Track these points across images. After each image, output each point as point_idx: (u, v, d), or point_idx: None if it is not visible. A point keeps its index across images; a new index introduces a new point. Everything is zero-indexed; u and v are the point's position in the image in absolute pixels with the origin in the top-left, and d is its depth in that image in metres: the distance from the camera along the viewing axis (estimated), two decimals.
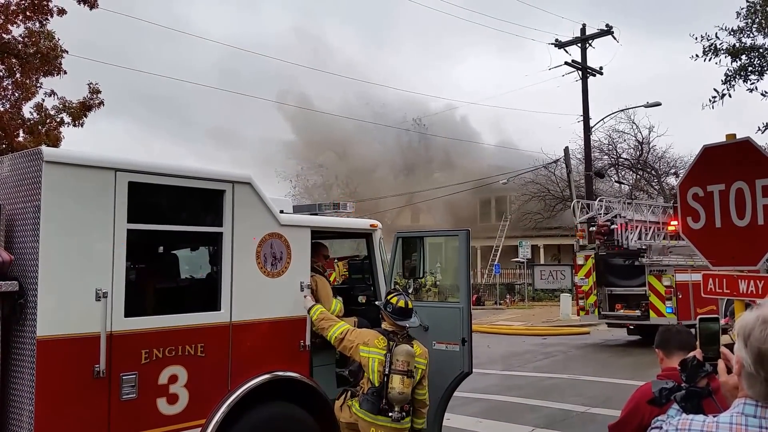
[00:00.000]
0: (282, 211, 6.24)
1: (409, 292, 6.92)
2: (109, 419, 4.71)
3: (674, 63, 70.08)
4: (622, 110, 34.10)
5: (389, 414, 5.68)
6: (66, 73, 16.01)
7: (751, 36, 14.03)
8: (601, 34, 28.93)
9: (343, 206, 7.30)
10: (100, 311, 4.62)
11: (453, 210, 42.92)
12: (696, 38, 14.17)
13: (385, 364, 5.77)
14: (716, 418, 1.98)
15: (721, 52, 13.96)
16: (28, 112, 16.31)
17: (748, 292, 4.98)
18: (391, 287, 7.01)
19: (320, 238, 7.19)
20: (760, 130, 14.40)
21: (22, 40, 15.37)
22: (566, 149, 31.39)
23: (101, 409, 4.67)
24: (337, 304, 6.77)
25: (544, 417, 10.36)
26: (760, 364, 1.86)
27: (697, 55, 14.18)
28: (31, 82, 15.81)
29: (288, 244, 6.07)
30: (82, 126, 16.43)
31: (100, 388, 4.66)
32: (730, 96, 13.93)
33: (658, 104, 29.43)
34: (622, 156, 39.57)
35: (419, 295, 7.63)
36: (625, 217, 18.78)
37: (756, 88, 14.22)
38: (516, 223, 42.32)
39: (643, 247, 18.41)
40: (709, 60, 14.14)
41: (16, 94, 15.90)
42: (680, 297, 17.43)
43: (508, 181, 39.06)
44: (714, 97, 13.94)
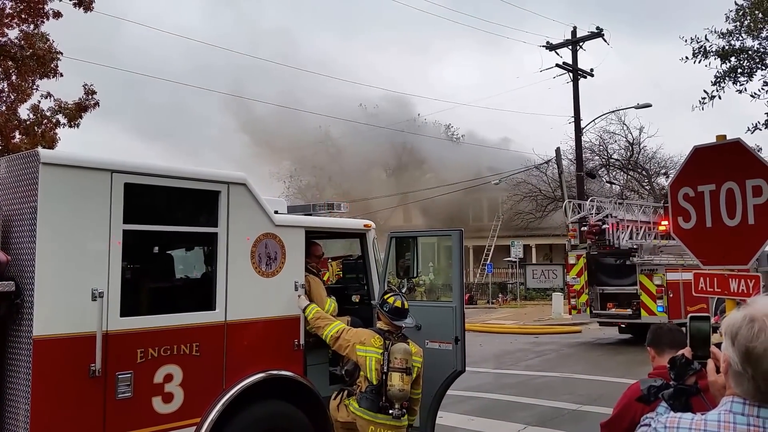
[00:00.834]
0: (276, 212, 6.27)
1: (403, 291, 6.97)
2: (105, 418, 4.74)
3: (664, 64, 70.40)
4: (613, 111, 34.26)
5: (390, 411, 5.75)
6: (62, 75, 16.01)
7: (740, 38, 14.12)
8: (592, 36, 29.02)
9: (337, 206, 7.34)
10: (96, 311, 4.65)
11: (446, 210, 42.96)
12: (686, 41, 14.26)
13: (382, 363, 5.83)
14: (704, 416, 2.00)
15: (711, 54, 14.04)
16: (25, 114, 16.30)
17: (739, 291, 5.02)
18: (385, 287, 7.06)
19: (314, 238, 7.22)
20: (749, 130, 14.50)
21: (18, 42, 15.34)
22: (558, 150, 31.56)
23: (97, 407, 4.70)
24: (331, 304, 6.81)
25: (536, 415, 10.42)
26: (747, 362, 1.88)
27: (687, 57, 14.26)
28: (27, 84, 15.77)
29: (282, 244, 6.11)
30: (78, 127, 16.44)
31: (95, 387, 4.68)
32: (720, 98, 14.02)
33: (649, 105, 29.55)
34: (613, 157, 39.70)
35: (413, 295, 7.66)
36: (616, 217, 18.87)
37: (745, 90, 14.32)
38: (508, 223, 42.42)
39: (634, 247, 18.51)
40: (699, 62, 14.23)
41: (12, 96, 15.85)
42: (671, 296, 17.52)
43: (500, 182, 39.15)
44: (704, 98, 14.02)
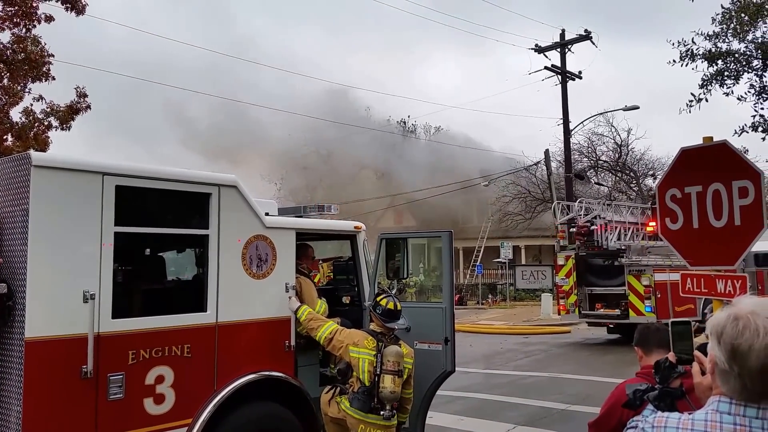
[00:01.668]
0: (267, 213, 6.29)
1: (392, 292, 7.01)
2: (97, 419, 4.75)
3: (649, 65, 70.79)
4: (601, 113, 34.42)
5: (381, 412, 5.84)
6: (54, 78, 15.93)
7: (727, 41, 14.24)
8: (580, 39, 29.12)
9: (328, 208, 7.36)
10: (88, 313, 4.66)
11: (436, 211, 43.01)
12: (673, 44, 14.37)
13: (375, 365, 5.89)
14: (692, 415, 2.03)
15: (698, 57, 14.15)
16: (17, 117, 16.21)
17: (726, 292, 5.05)
18: (375, 288, 7.09)
19: (305, 239, 7.24)
20: (737, 133, 14.61)
21: (10, 46, 15.28)
22: (547, 152, 31.66)
23: (88, 409, 4.71)
24: (322, 306, 6.83)
25: (525, 415, 10.47)
26: (733, 360, 1.91)
27: (675, 60, 14.37)
28: (19, 87, 15.69)
29: (273, 246, 6.13)
30: (70, 129, 16.35)
31: (87, 389, 4.69)
32: (707, 100, 14.13)
33: (636, 108, 29.73)
34: (601, 158, 39.85)
35: (403, 296, 7.70)
36: (604, 218, 18.96)
37: (732, 92, 14.43)
38: (498, 224, 42.52)
39: (623, 248, 18.60)
40: (686, 65, 14.33)
41: (4, 99, 15.75)
42: (659, 296, 17.64)
43: (490, 183, 39.25)
44: (691, 101, 14.13)
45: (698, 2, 13.45)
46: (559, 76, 29.24)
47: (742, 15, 13.64)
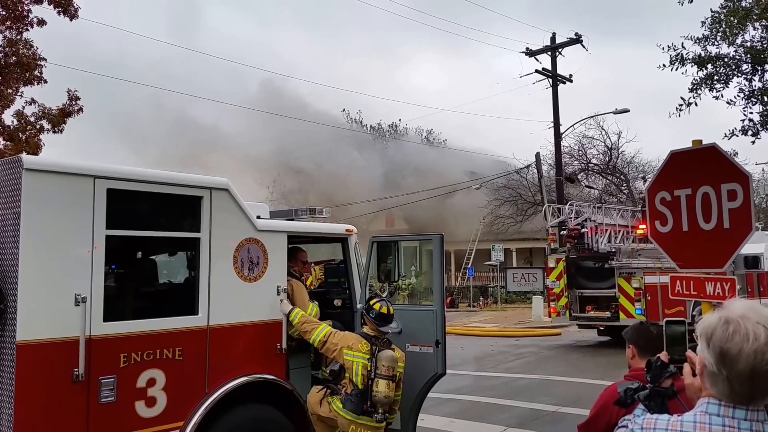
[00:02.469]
0: (259, 217, 6.29)
1: (384, 295, 7.03)
2: (88, 422, 4.74)
3: (638, 68, 71.10)
4: (592, 116, 34.48)
5: (373, 416, 5.92)
6: (46, 82, 15.89)
7: (716, 44, 14.30)
8: (571, 42, 29.22)
9: (320, 211, 7.37)
10: (79, 316, 4.65)
11: (426, 215, 43.05)
12: (663, 48, 14.40)
13: (369, 369, 5.93)
14: (681, 417, 2.04)
15: (688, 61, 14.19)
16: (9, 120, 16.14)
17: (715, 294, 5.08)
18: (366, 291, 7.11)
19: (297, 242, 7.24)
20: (726, 136, 14.65)
21: (2, 49, 15.22)
22: (538, 155, 31.68)
23: (80, 412, 4.70)
24: (314, 308, 6.83)
25: (516, 417, 10.51)
26: (722, 363, 1.92)
27: (664, 65, 14.41)
28: (11, 90, 15.62)
29: (265, 249, 6.13)
30: (62, 132, 16.31)
31: (79, 392, 4.68)
32: (696, 104, 14.17)
33: (627, 111, 29.81)
34: (592, 161, 39.93)
35: (394, 298, 7.71)
36: (595, 221, 19.04)
37: (722, 96, 14.47)
38: (489, 227, 42.55)
39: (613, 250, 18.69)
40: (676, 69, 14.36)
41: None
42: (649, 299, 17.74)
43: (481, 187, 39.30)
44: (681, 105, 14.16)
45: (687, 4, 13.45)
46: (550, 80, 29.34)
47: (731, 18, 13.69)
